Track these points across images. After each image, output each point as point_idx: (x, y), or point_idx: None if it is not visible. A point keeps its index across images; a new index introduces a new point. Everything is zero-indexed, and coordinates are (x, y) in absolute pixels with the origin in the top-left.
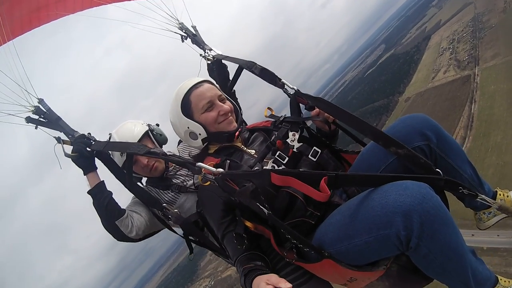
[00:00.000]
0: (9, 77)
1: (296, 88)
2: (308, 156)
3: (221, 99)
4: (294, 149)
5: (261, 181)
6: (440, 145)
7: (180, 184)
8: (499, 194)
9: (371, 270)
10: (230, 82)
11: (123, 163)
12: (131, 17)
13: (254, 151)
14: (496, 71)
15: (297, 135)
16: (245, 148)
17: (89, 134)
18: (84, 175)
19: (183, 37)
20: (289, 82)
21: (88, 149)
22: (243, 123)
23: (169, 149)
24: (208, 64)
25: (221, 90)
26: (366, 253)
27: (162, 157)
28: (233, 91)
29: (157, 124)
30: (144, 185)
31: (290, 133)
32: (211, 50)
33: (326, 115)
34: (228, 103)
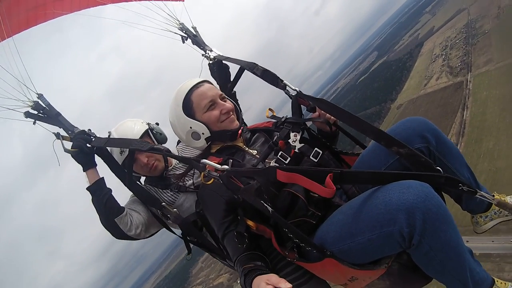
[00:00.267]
0: (8, 72)
1: (298, 90)
2: (310, 157)
3: (222, 98)
4: (296, 150)
5: (266, 178)
6: (439, 148)
7: (180, 184)
8: (496, 198)
9: (373, 269)
10: (231, 83)
11: (123, 161)
12: (130, 18)
13: (256, 152)
14: (489, 77)
15: (299, 136)
16: (247, 148)
17: (89, 130)
18: (84, 172)
19: (184, 38)
20: (279, 91)
21: (88, 145)
22: (244, 124)
23: (168, 149)
24: (209, 65)
25: (221, 91)
26: (369, 251)
27: (166, 154)
28: (234, 92)
29: (157, 123)
30: (143, 184)
31: (292, 134)
32: (212, 51)
33: (328, 116)
34: (229, 102)
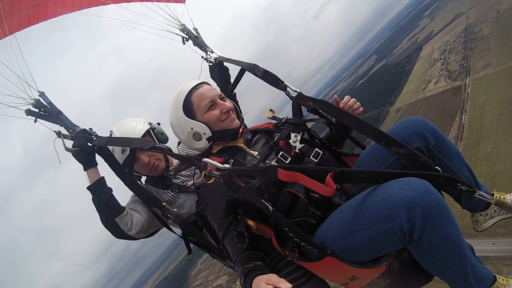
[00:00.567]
0: (10, 69)
1: (299, 91)
2: (310, 157)
3: (222, 98)
4: (296, 150)
5: (267, 177)
6: (438, 147)
7: (180, 184)
8: (496, 196)
9: (374, 267)
10: (232, 84)
11: (124, 160)
12: (131, 19)
13: (257, 153)
14: (487, 81)
15: (299, 137)
16: (248, 149)
17: (91, 129)
18: (84, 171)
19: (185, 39)
20: (278, 94)
21: (89, 144)
22: (245, 126)
23: (170, 148)
24: (210, 67)
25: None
26: (370, 248)
27: (168, 153)
28: (234, 94)
29: (158, 123)
30: (144, 184)
31: (292, 134)
32: (213, 52)
33: (350, 104)
34: (229, 102)
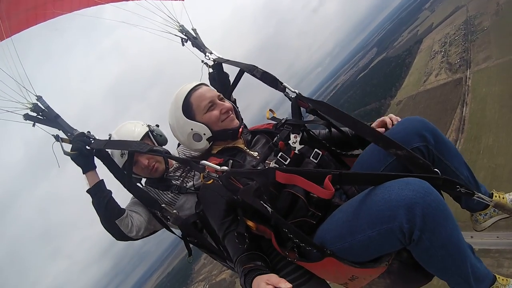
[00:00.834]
0: (7, 74)
1: (298, 92)
2: (310, 158)
3: (221, 99)
4: (296, 151)
5: (266, 179)
6: (438, 147)
7: (180, 185)
8: (495, 196)
9: (373, 267)
10: (231, 86)
11: (124, 164)
12: (130, 18)
13: (257, 153)
14: (488, 74)
15: (299, 137)
16: (248, 150)
17: (89, 133)
18: (83, 174)
19: (184, 40)
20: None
21: (88, 148)
22: (244, 126)
23: (169, 150)
24: (210, 74)
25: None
26: (369, 249)
27: (166, 155)
28: (234, 100)
29: (157, 125)
30: (143, 186)
31: (292, 135)
32: (212, 54)
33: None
34: (228, 102)
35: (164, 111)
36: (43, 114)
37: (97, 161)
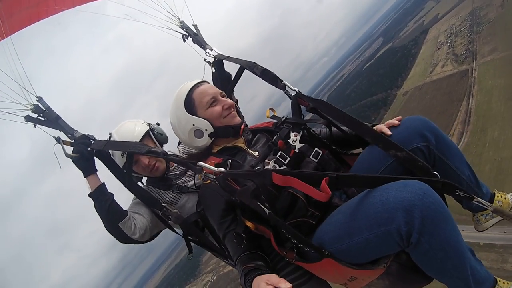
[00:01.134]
0: (8, 76)
1: (298, 90)
2: (310, 157)
3: (223, 96)
4: (296, 150)
5: (263, 181)
6: (439, 147)
7: (181, 185)
8: (497, 196)
9: (372, 268)
10: (231, 83)
11: (124, 164)
12: (132, 13)
13: (257, 153)
14: (494, 66)
15: (299, 136)
16: (248, 149)
17: (88, 135)
18: (84, 178)
19: (184, 36)
20: (289, 80)
21: (88, 149)
22: (245, 125)
23: (170, 149)
24: (213, 73)
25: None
26: (367, 251)
27: (163, 157)
28: (236, 100)
29: (158, 123)
30: (145, 185)
31: (292, 134)
32: (212, 50)
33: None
34: (229, 99)
35: (170, 103)
36: (44, 115)
37: (98, 162)
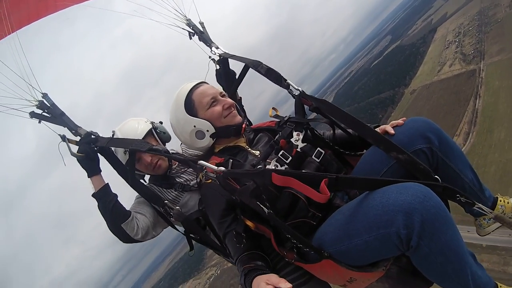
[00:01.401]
0: (14, 72)
1: (301, 90)
2: (312, 157)
3: (222, 95)
4: (298, 149)
5: (262, 181)
6: (442, 149)
7: (184, 183)
8: (500, 201)
9: (371, 271)
10: (236, 81)
11: (127, 161)
12: (139, 9)
13: (259, 152)
14: (501, 67)
15: (301, 135)
16: (250, 149)
17: (92, 132)
18: (88, 178)
19: (191, 34)
20: (297, 76)
21: (93, 146)
22: (249, 123)
23: (173, 148)
24: (217, 70)
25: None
26: (366, 253)
27: (165, 155)
28: (240, 98)
29: (161, 122)
30: (147, 183)
31: (295, 133)
32: (218, 48)
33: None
34: (229, 99)
35: (170, 105)
36: (49, 112)
37: (101, 162)
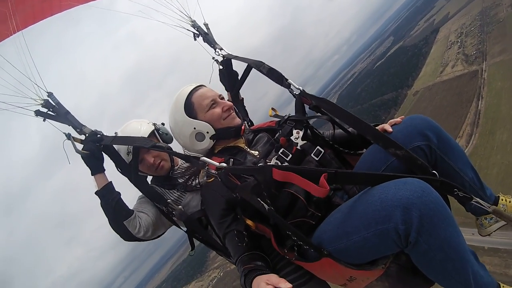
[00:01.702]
0: (20, 71)
1: (302, 89)
2: (311, 155)
3: (221, 98)
4: (298, 147)
5: (263, 177)
6: (441, 146)
7: (185, 183)
8: (501, 199)
9: (370, 269)
10: (239, 81)
11: (130, 161)
12: (144, 10)
13: (258, 152)
14: (504, 68)
15: (301, 133)
16: (248, 149)
17: (97, 131)
18: (92, 176)
19: (195, 35)
20: (300, 77)
21: (97, 144)
22: (250, 123)
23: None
24: (220, 70)
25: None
26: (365, 250)
27: (167, 151)
28: (242, 99)
29: (163, 124)
30: (150, 184)
31: (294, 131)
32: (222, 50)
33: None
34: (228, 101)
35: (169, 108)
36: (54, 110)
37: (105, 162)
